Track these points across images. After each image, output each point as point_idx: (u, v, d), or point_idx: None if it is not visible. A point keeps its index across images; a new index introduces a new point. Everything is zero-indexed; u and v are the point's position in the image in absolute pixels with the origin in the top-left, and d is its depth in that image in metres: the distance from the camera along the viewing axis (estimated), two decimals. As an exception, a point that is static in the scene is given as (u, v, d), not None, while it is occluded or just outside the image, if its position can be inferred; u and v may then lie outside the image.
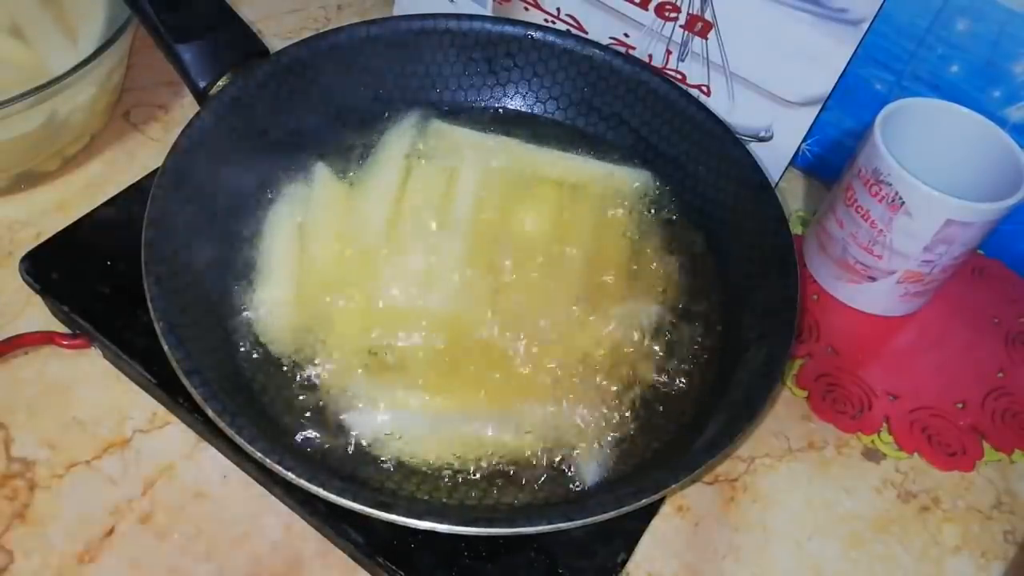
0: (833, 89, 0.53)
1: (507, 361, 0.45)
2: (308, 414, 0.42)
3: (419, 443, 0.41)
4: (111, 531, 0.42)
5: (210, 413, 0.36)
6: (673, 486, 0.37)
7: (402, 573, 0.40)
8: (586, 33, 0.60)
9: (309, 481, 0.34)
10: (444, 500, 0.40)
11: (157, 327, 0.38)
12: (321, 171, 0.51)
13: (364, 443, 0.41)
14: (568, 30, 0.59)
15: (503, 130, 0.55)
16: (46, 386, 0.47)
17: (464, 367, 0.44)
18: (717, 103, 0.58)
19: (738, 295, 0.48)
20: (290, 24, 0.70)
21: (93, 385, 0.47)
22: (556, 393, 0.44)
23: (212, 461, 0.45)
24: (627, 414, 0.44)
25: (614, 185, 0.53)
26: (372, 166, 0.52)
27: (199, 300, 0.42)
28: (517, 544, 0.41)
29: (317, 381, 0.43)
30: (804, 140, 0.57)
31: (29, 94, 0.48)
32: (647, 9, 0.56)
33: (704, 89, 0.58)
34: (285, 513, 0.44)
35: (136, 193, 0.51)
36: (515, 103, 0.57)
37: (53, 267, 0.48)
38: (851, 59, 0.52)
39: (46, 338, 0.48)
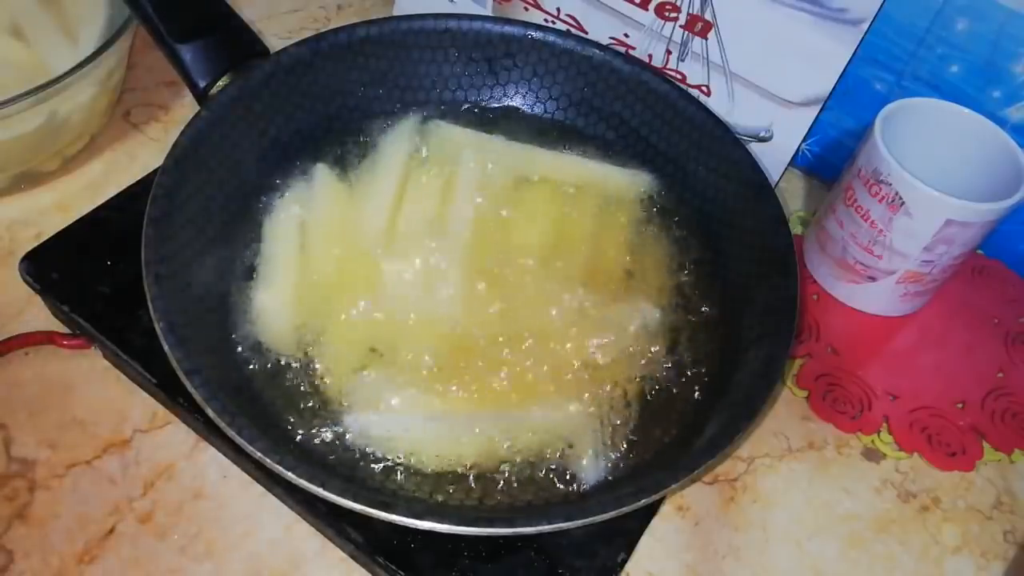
0: (833, 89, 0.53)
1: (507, 362, 0.44)
2: (308, 414, 0.42)
3: (419, 443, 0.41)
4: (111, 531, 0.42)
5: (210, 413, 0.36)
6: (673, 486, 0.37)
7: (402, 573, 0.40)
8: (586, 33, 0.60)
9: (309, 481, 0.34)
10: (444, 500, 0.40)
11: (157, 327, 0.38)
12: (321, 171, 0.51)
13: (364, 443, 0.41)
14: (568, 30, 0.59)
15: (503, 130, 0.55)
16: (46, 386, 0.47)
17: (464, 368, 0.44)
18: (717, 103, 0.58)
19: (738, 295, 0.48)
20: (290, 24, 0.70)
21: (93, 385, 0.47)
22: (556, 394, 0.44)
23: (212, 461, 0.45)
24: (627, 414, 0.44)
25: (614, 185, 0.53)
26: (372, 166, 0.52)
27: (199, 300, 0.42)
28: (517, 544, 0.41)
29: (317, 381, 0.43)
30: (804, 140, 0.57)
31: (29, 94, 0.48)
32: (647, 9, 0.56)
33: (704, 89, 0.58)
34: (285, 513, 0.44)
35: (136, 193, 0.51)
36: (515, 103, 0.57)
37: (53, 267, 0.48)
38: (851, 59, 0.51)
39: (46, 338, 0.48)
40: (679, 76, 0.58)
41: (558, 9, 0.60)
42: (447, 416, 0.43)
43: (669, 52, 0.58)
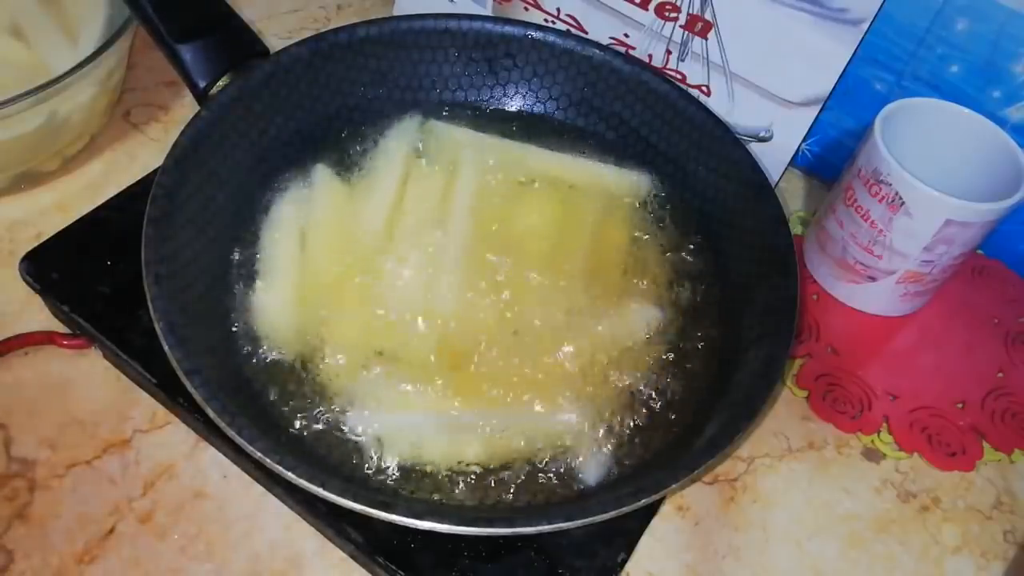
0: (833, 89, 0.53)
1: (507, 362, 0.44)
2: (309, 414, 0.42)
3: (419, 443, 0.41)
4: (111, 531, 0.42)
5: (210, 413, 0.36)
6: (673, 486, 0.37)
7: (402, 573, 0.40)
8: (586, 33, 0.60)
9: (309, 481, 0.34)
10: (444, 500, 0.40)
11: (157, 327, 0.38)
12: (321, 171, 0.51)
13: (365, 443, 0.41)
14: (568, 30, 0.59)
15: (503, 130, 0.55)
16: (46, 386, 0.47)
17: (464, 368, 0.44)
18: (717, 103, 0.58)
19: (738, 295, 0.48)
20: (290, 24, 0.70)
21: (93, 385, 0.47)
22: (556, 393, 0.44)
23: (212, 461, 0.45)
24: (627, 414, 0.44)
25: (614, 185, 0.53)
26: (372, 166, 0.52)
27: (199, 300, 0.42)
28: (517, 544, 0.41)
29: (317, 381, 0.43)
30: (804, 140, 0.57)
31: (29, 94, 0.48)
32: (647, 9, 0.56)
33: (704, 89, 0.58)
34: (285, 513, 0.44)
35: (136, 193, 0.51)
36: (515, 103, 0.57)
37: (53, 267, 0.48)
38: (851, 59, 0.51)
39: (46, 338, 0.48)
40: (679, 76, 0.58)
41: (558, 9, 0.60)
42: (447, 415, 0.42)
43: (669, 52, 0.58)
